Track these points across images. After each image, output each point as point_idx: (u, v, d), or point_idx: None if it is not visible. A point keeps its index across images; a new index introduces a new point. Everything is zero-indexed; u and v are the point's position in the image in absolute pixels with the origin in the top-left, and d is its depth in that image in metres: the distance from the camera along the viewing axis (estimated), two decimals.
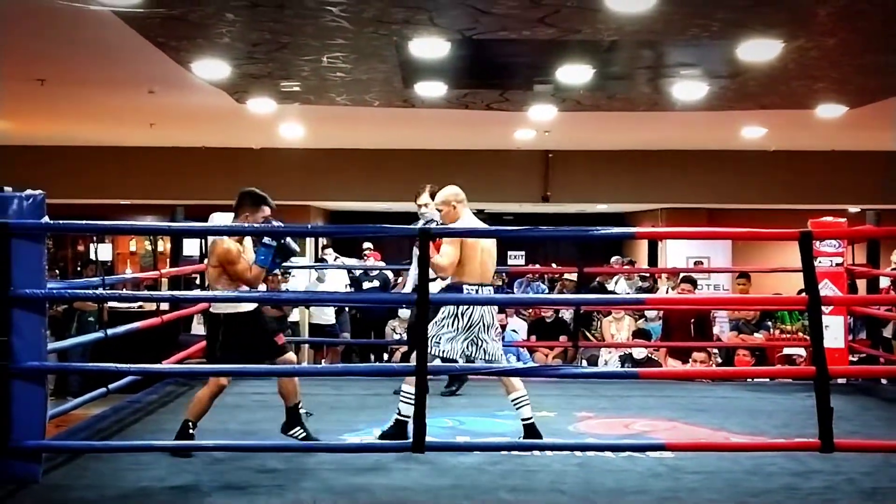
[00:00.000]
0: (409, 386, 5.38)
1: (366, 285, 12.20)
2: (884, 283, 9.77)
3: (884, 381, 8.14)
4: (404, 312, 10.30)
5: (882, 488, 4.65)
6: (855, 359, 8.62)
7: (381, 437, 5.50)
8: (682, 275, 10.50)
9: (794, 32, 7.88)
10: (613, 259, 14.78)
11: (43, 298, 4.67)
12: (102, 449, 5.26)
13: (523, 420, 5.40)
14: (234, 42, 8.29)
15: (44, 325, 4.70)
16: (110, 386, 5.98)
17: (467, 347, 5.57)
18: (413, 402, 5.16)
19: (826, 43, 8.21)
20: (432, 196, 6.71)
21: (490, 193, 16.37)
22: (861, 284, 10.44)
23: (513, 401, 5.45)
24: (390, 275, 12.44)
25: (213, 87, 10.08)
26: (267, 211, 5.51)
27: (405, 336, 10.24)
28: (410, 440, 4.63)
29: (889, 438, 5.74)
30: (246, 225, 5.43)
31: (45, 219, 4.67)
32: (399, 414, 5.48)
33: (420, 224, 6.22)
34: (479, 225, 5.85)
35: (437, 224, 5.83)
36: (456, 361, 5.55)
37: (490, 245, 5.76)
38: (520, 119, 12.30)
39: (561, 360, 10.06)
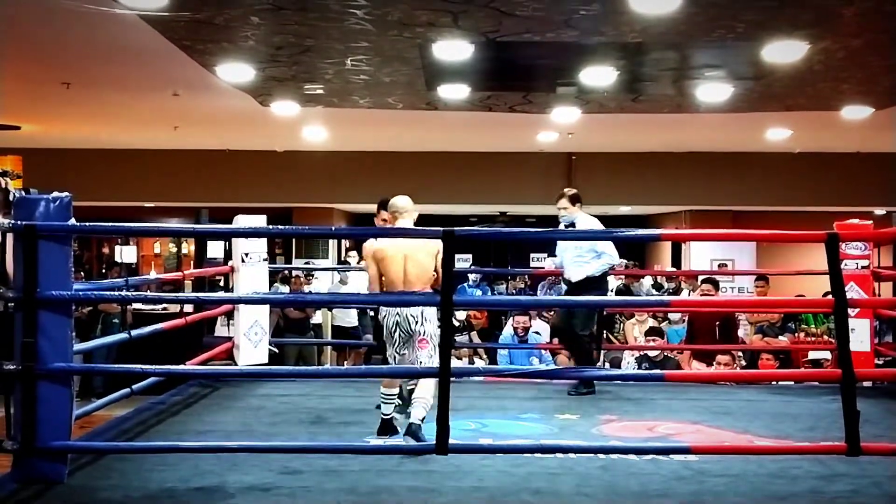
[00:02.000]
0: (387, 389, 5.71)
1: None
2: None
3: None
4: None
5: None
6: (881, 362, 8.56)
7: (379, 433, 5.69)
8: (702, 276, 10.45)
9: (820, 33, 7.83)
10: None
11: (69, 300, 4.69)
12: (127, 450, 5.28)
13: (408, 420, 5.45)
14: (258, 45, 8.33)
15: (70, 327, 4.72)
16: (134, 387, 6.01)
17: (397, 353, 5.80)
18: (391, 401, 5.70)
19: (852, 44, 8.15)
20: (571, 200, 7.50)
21: (513, 196, 16.38)
22: (886, 287, 10.36)
23: (412, 397, 5.56)
24: None
25: (238, 89, 10.13)
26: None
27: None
28: (433, 442, 4.62)
29: None
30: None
31: (72, 221, 4.70)
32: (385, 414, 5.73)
33: (560, 227, 7.23)
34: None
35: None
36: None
37: (414, 251, 5.75)
38: (543, 121, 12.29)
39: None
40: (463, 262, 19.61)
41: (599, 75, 9.31)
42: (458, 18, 7.43)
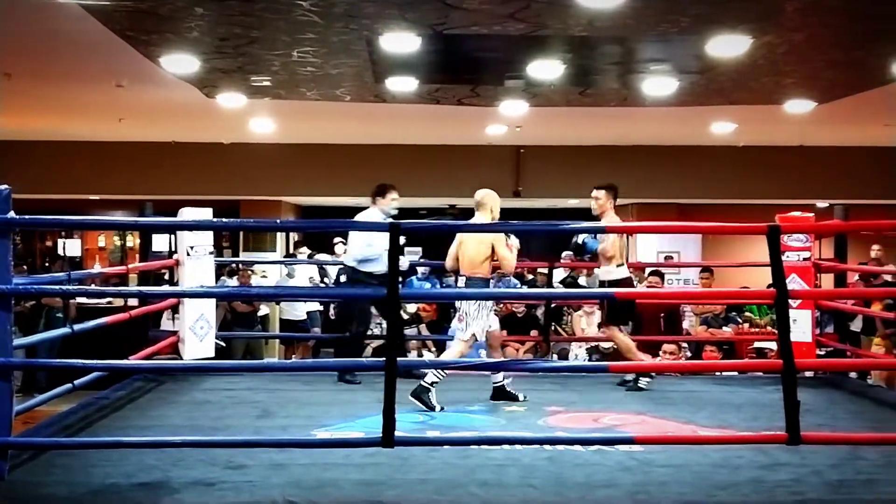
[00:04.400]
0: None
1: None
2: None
3: (852, 375, 8.21)
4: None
5: (848, 481, 4.68)
6: (822, 352, 8.69)
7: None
8: (648, 268, 10.55)
9: (763, 28, 7.93)
10: (565, 254, 14.61)
11: (9, 294, 4.62)
12: (70, 445, 5.21)
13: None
14: (203, 36, 8.24)
15: (9, 321, 4.65)
16: (77, 382, 5.93)
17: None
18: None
19: (795, 38, 8.26)
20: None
21: (461, 188, 16.31)
22: (828, 278, 10.53)
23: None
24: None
25: (183, 81, 10.02)
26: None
27: (376, 331, 10.23)
28: (380, 435, 4.61)
29: (855, 431, 5.79)
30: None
31: (11, 214, 4.62)
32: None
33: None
34: None
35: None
36: None
37: (468, 238, 6.73)
38: (491, 114, 12.31)
39: (532, 355, 10.06)
40: (413, 254, 19.65)
41: (547, 69, 9.35)
42: (404, 11, 7.41)
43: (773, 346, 9.12)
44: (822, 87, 10.43)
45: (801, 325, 7.61)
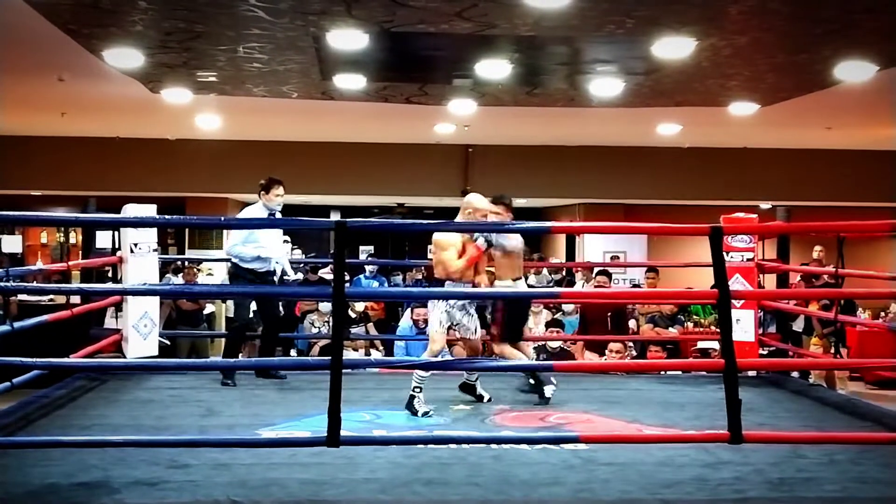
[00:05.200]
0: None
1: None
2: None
3: (794, 374, 8.32)
4: (325, 306, 10.23)
5: (789, 479, 4.74)
6: (765, 352, 8.80)
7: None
8: (597, 268, 10.62)
9: (707, 30, 8.02)
10: None
11: None
12: (7, 445, 5.10)
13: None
14: (146, 30, 8.14)
15: None
16: (16, 380, 5.81)
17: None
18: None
19: (738, 41, 8.36)
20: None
21: (410, 187, 16.39)
22: (770, 279, 10.67)
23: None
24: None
25: (127, 76, 9.89)
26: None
27: (323, 329, 10.19)
28: (325, 435, 4.58)
29: (796, 430, 5.86)
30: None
31: None
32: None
33: None
34: None
35: None
36: None
37: (434, 242, 6.57)
38: (440, 113, 12.32)
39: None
40: (363, 253, 19.66)
41: (494, 68, 9.37)
42: (351, 7, 7.38)
43: (717, 345, 9.22)
44: (766, 90, 10.57)
45: (745, 325, 7.70)
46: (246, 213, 7.81)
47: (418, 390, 6.21)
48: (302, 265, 12.40)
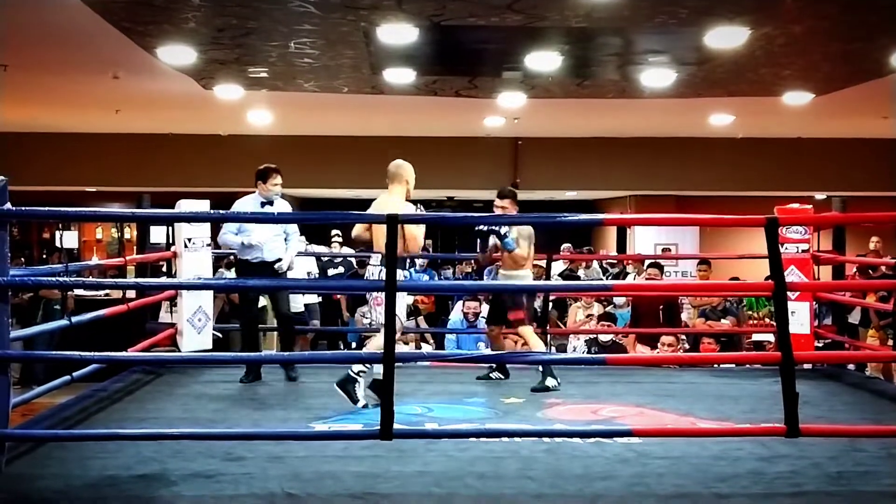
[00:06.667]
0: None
1: (330, 272, 12.11)
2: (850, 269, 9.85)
3: (850, 367, 8.20)
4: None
5: (847, 472, 4.68)
6: (820, 344, 8.68)
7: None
8: (647, 260, 10.54)
9: (761, 20, 7.92)
10: (564, 246, 14.57)
11: (6, 286, 4.60)
12: (67, 437, 5.19)
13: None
14: (199, 27, 8.22)
15: (7, 313, 4.63)
16: (75, 374, 5.90)
17: None
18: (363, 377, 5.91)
19: (793, 30, 8.25)
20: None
21: (459, 181, 16.38)
22: (826, 270, 10.53)
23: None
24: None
25: (179, 72, 10.00)
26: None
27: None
28: (378, 428, 4.60)
29: (854, 423, 5.79)
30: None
31: (8, 205, 4.60)
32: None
33: None
34: None
35: None
36: None
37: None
38: (489, 106, 12.30)
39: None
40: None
41: (544, 60, 9.33)
42: (401, 2, 7.40)
43: (772, 338, 9.11)
44: (821, 79, 10.43)
45: (800, 318, 7.60)
46: (239, 205, 7.66)
47: (362, 375, 6.02)
48: (349, 259, 12.43)
